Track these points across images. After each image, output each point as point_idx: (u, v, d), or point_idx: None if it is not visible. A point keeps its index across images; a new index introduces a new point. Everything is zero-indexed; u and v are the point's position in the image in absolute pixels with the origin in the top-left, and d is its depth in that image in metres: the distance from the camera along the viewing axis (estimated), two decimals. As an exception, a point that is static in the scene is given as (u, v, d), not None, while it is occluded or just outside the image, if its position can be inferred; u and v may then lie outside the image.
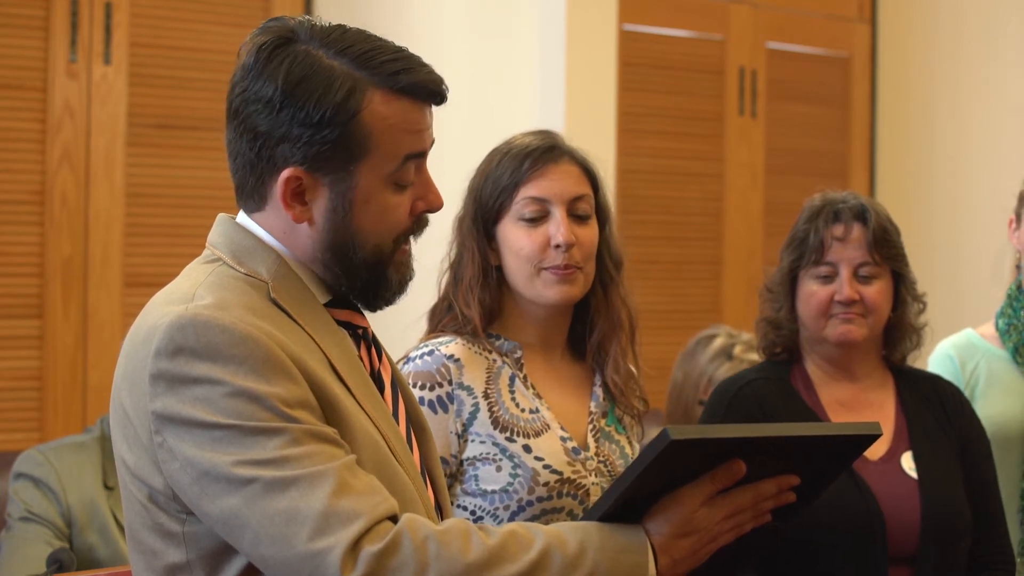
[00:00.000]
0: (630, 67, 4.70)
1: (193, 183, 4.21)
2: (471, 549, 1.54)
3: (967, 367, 2.90)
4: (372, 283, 1.71)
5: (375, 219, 1.68)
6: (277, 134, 1.64)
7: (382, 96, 1.65)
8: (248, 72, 1.65)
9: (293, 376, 1.57)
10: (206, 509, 1.55)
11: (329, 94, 1.63)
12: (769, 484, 1.70)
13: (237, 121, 1.67)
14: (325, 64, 1.64)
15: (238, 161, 1.68)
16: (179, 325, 1.56)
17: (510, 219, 2.28)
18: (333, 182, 1.65)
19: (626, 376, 2.35)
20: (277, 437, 1.53)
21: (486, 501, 2.20)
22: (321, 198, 1.66)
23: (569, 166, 2.29)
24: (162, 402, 1.55)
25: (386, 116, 1.65)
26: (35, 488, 2.99)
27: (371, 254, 1.68)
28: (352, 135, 1.64)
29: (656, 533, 1.64)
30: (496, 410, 2.23)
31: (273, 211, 1.68)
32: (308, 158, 1.64)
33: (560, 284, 2.25)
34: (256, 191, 1.69)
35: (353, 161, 1.65)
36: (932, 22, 5.23)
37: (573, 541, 1.59)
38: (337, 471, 1.53)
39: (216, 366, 1.54)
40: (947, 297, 4.72)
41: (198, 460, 1.53)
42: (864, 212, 2.52)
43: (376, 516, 1.53)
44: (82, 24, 4.04)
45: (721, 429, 1.68)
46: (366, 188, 1.66)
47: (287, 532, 1.50)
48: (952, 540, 2.44)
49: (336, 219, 1.66)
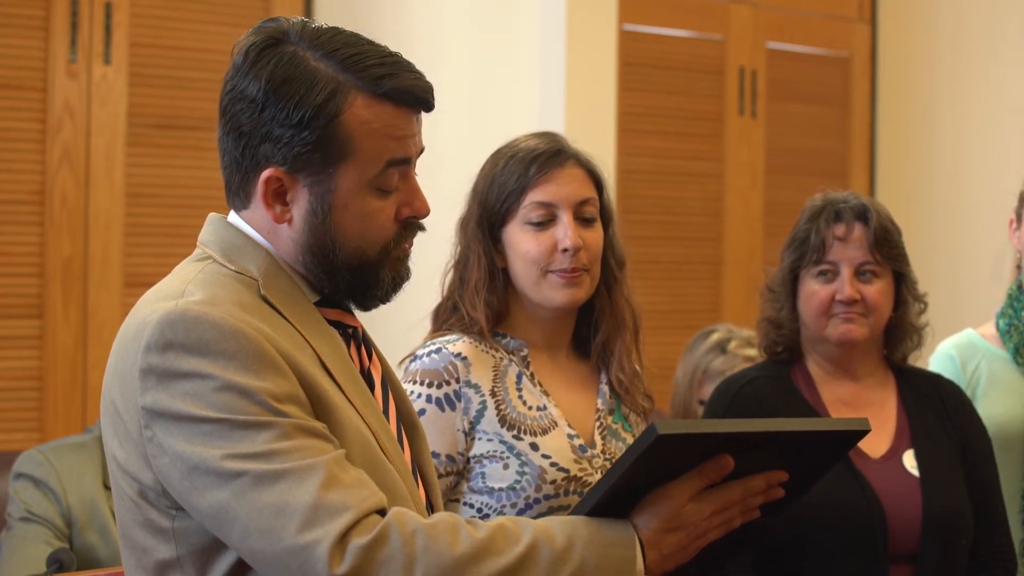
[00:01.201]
0: (630, 67, 4.70)
1: (193, 183, 4.21)
2: (459, 542, 1.54)
3: (968, 367, 2.90)
4: (358, 284, 1.71)
5: (355, 223, 1.67)
6: (260, 133, 1.65)
7: (364, 100, 1.65)
8: (237, 71, 1.67)
9: (283, 371, 1.58)
10: (195, 503, 1.55)
11: (310, 95, 1.63)
12: (758, 480, 1.70)
13: (225, 119, 1.68)
14: (310, 66, 1.64)
15: (226, 159, 1.70)
16: (169, 320, 1.57)
17: (517, 223, 2.29)
18: (313, 184, 1.66)
19: (631, 374, 2.36)
20: (266, 431, 1.54)
21: (493, 499, 2.20)
22: (301, 199, 1.66)
23: (575, 169, 2.30)
24: (152, 396, 1.56)
25: (367, 120, 1.65)
26: (35, 488, 2.99)
27: (352, 256, 1.68)
28: (332, 137, 1.64)
29: (644, 528, 1.64)
30: (503, 408, 2.24)
31: (257, 210, 1.69)
32: (288, 159, 1.64)
33: (567, 287, 2.27)
34: (241, 189, 1.70)
35: (333, 164, 1.65)
36: (932, 22, 5.23)
37: (561, 535, 1.60)
38: (326, 464, 1.54)
39: (206, 361, 1.55)
40: (947, 297, 4.72)
41: (187, 454, 1.54)
42: (865, 212, 2.52)
43: (364, 509, 1.53)
44: (82, 24, 4.04)
45: (709, 424, 1.67)
46: (346, 191, 1.66)
47: (276, 525, 1.51)
48: (953, 539, 2.44)
49: (315, 221, 1.67)
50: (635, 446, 1.61)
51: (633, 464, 1.61)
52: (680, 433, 1.61)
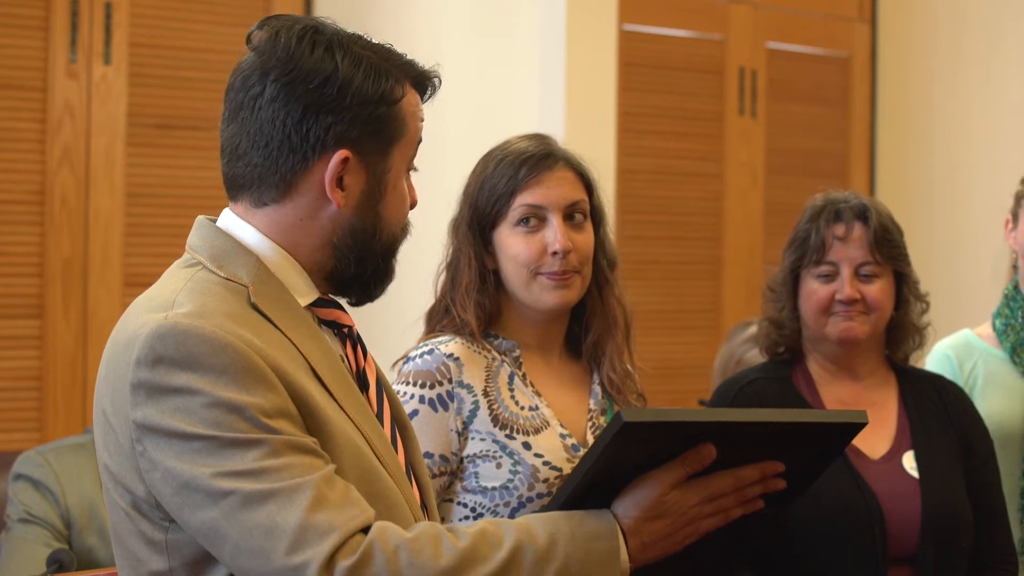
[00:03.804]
0: (630, 67, 4.70)
1: (193, 183, 4.21)
2: (442, 554, 1.55)
3: (965, 367, 2.90)
4: (383, 270, 1.73)
5: (397, 204, 1.72)
6: (333, 110, 1.64)
7: (407, 85, 1.70)
8: (291, 54, 1.64)
9: (273, 385, 1.57)
10: (187, 519, 1.55)
11: (382, 76, 1.67)
12: (751, 470, 1.70)
13: (277, 105, 1.64)
14: (360, 52, 1.67)
15: (267, 148, 1.65)
16: (159, 334, 1.56)
17: (507, 225, 2.30)
18: (371, 164, 1.68)
19: (622, 374, 2.36)
20: (256, 448, 1.53)
21: (486, 498, 2.21)
22: (358, 182, 1.68)
23: (564, 172, 2.31)
24: (142, 412, 1.55)
25: (413, 103, 1.71)
26: (34, 490, 2.99)
27: (389, 239, 1.72)
28: (394, 117, 1.68)
29: (624, 516, 1.65)
30: (496, 408, 2.24)
31: (292, 202, 1.67)
32: (360, 137, 1.66)
33: (557, 289, 2.28)
34: (283, 179, 1.66)
35: (392, 143, 1.68)
36: (932, 22, 5.22)
37: (543, 534, 1.60)
38: (315, 483, 1.54)
39: (196, 376, 1.54)
40: (947, 297, 4.72)
41: (178, 471, 1.54)
42: (865, 212, 2.52)
43: (350, 529, 1.53)
44: (82, 24, 4.04)
45: (678, 412, 1.66)
46: (396, 172, 1.71)
47: (265, 546, 1.51)
48: (952, 540, 2.44)
49: (370, 203, 1.69)
50: (603, 435, 1.62)
51: (602, 452, 1.61)
52: (646, 421, 1.61)
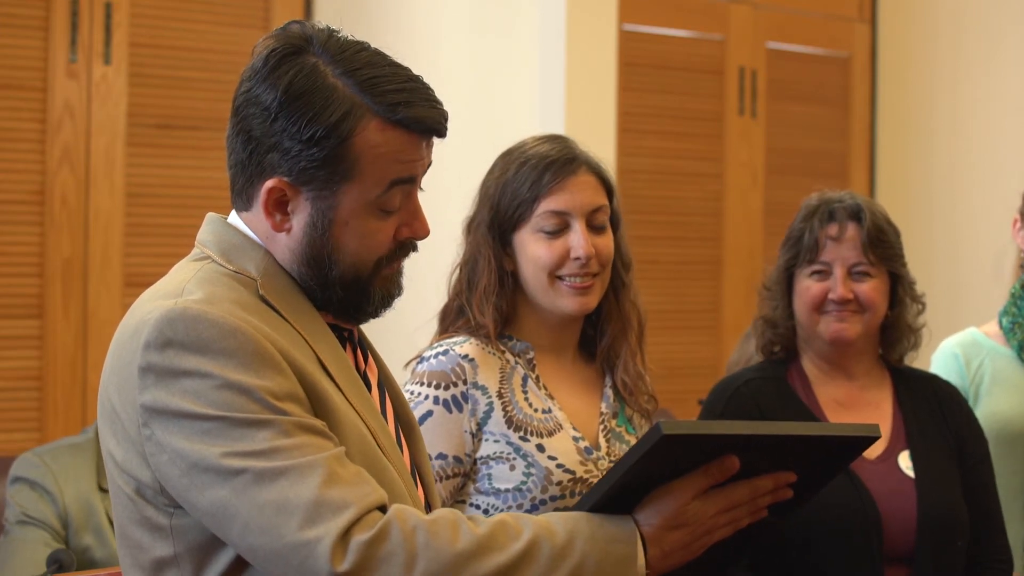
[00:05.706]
0: (630, 67, 4.70)
1: (193, 183, 4.21)
2: (460, 538, 1.55)
3: (972, 365, 2.90)
4: (350, 299, 1.70)
5: (354, 240, 1.67)
6: (268, 142, 1.64)
7: (378, 124, 1.64)
8: (255, 75, 1.66)
9: (282, 369, 1.58)
10: (195, 501, 1.55)
11: (325, 113, 1.62)
12: (766, 480, 1.70)
13: (236, 120, 1.68)
14: (328, 82, 1.63)
15: (232, 158, 1.70)
16: (168, 319, 1.57)
17: (529, 229, 2.28)
18: (315, 198, 1.65)
19: (635, 376, 2.36)
20: (266, 429, 1.54)
21: (499, 500, 2.20)
22: (303, 211, 1.66)
23: (587, 177, 2.30)
24: (151, 395, 1.56)
25: (377, 144, 1.64)
26: (31, 491, 2.99)
27: (348, 271, 1.68)
28: (341, 157, 1.63)
29: (646, 524, 1.65)
30: (510, 409, 2.24)
31: (258, 214, 1.69)
32: (294, 171, 1.64)
33: (578, 296, 2.27)
34: (244, 192, 1.70)
35: (338, 182, 1.64)
36: (932, 22, 5.23)
37: (562, 531, 1.60)
38: (326, 461, 1.54)
39: (205, 359, 1.55)
40: (946, 297, 4.73)
41: (187, 452, 1.54)
42: (859, 212, 2.52)
43: (366, 505, 1.53)
44: (82, 24, 4.04)
45: (715, 426, 1.67)
46: (348, 210, 1.66)
47: (277, 522, 1.51)
48: (948, 540, 2.44)
49: (315, 234, 1.66)
50: (639, 445, 1.61)
51: (637, 463, 1.61)
52: (684, 434, 1.61)
